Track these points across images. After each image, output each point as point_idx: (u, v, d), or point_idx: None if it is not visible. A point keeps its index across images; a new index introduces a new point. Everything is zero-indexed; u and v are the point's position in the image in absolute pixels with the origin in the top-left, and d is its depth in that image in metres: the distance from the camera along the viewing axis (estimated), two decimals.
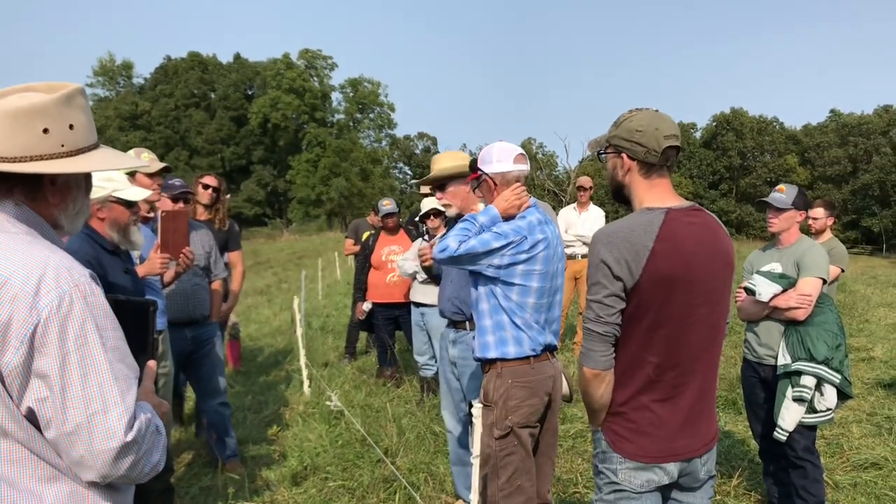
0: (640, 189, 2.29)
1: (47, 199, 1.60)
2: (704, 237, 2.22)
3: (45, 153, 1.52)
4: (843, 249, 5.24)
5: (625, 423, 2.25)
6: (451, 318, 3.97)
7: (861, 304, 11.97)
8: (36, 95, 1.54)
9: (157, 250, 3.91)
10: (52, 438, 1.42)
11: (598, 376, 2.21)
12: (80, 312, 1.43)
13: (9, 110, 1.49)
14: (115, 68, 71.33)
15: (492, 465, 3.13)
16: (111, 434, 1.42)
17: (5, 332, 1.38)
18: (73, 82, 1.62)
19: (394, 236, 7.13)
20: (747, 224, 55.67)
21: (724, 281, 2.29)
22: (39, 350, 1.39)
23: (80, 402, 1.40)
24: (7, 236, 1.47)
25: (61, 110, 1.55)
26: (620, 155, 2.29)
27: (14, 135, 1.49)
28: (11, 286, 1.39)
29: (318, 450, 5.24)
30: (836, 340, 3.73)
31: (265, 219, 66.28)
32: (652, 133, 2.22)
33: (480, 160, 3.28)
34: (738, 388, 5.77)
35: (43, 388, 1.40)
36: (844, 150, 57.89)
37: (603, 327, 2.17)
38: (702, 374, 2.27)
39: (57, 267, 1.45)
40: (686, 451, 2.25)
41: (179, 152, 65.28)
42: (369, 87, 71.44)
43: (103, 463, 1.42)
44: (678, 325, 2.17)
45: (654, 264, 2.11)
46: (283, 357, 8.78)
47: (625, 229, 2.16)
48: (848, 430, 5.47)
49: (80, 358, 1.41)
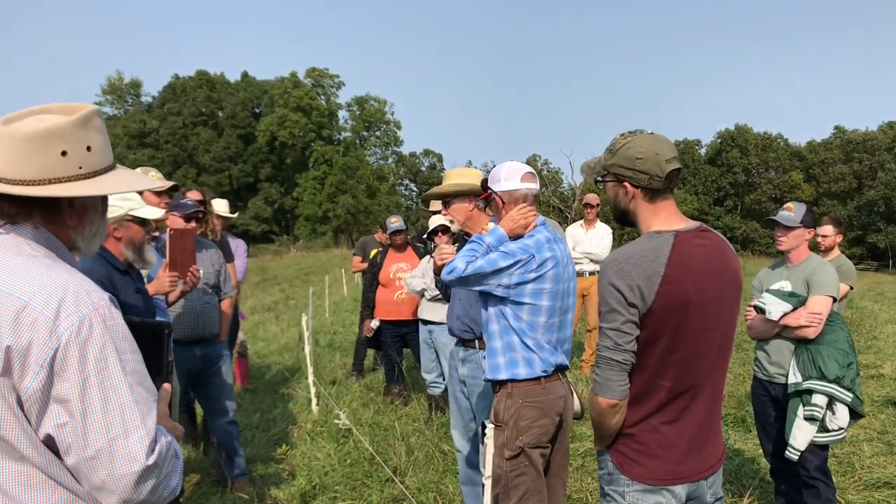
0: (646, 214, 2.26)
1: (65, 222, 1.60)
2: (714, 259, 2.21)
3: (63, 176, 1.52)
4: (852, 266, 5.23)
5: (633, 444, 2.22)
6: (460, 337, 3.97)
7: (869, 321, 11.92)
8: (53, 118, 1.54)
9: (166, 269, 3.93)
10: (72, 464, 1.41)
11: (616, 406, 2.17)
12: (99, 336, 1.42)
13: (27, 133, 1.48)
14: (124, 86, 71.76)
15: (503, 485, 3.12)
16: (133, 458, 1.41)
17: (25, 357, 1.37)
18: (86, 103, 1.62)
19: (402, 254, 7.15)
20: (753, 241, 55.62)
21: (734, 302, 2.28)
22: (59, 374, 1.38)
23: (101, 427, 1.40)
24: (26, 259, 1.47)
25: (78, 132, 1.55)
26: (623, 183, 2.26)
27: (32, 158, 1.49)
28: (31, 310, 1.39)
29: (326, 469, 5.23)
30: (847, 359, 3.72)
31: (272, 236, 66.35)
32: (653, 159, 2.18)
33: (490, 178, 3.31)
34: (748, 406, 5.75)
35: (63, 413, 1.39)
36: (849, 167, 57.85)
37: (622, 355, 2.13)
38: (710, 394, 2.25)
39: (76, 291, 1.44)
40: (693, 474, 2.23)
41: (187, 170, 65.52)
42: (375, 105, 71.74)
43: (125, 487, 1.41)
44: (692, 349, 2.15)
45: (666, 289, 2.09)
46: (291, 374, 8.78)
47: (635, 255, 2.14)
48: (859, 449, 5.43)
49: (100, 382, 1.40)
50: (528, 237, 3.17)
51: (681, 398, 2.18)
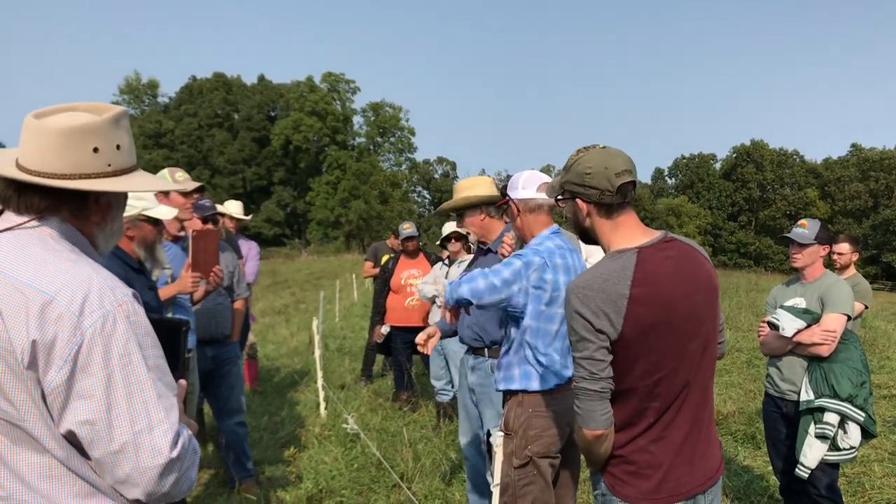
0: (604, 231, 2.18)
1: (90, 218, 1.62)
2: (682, 268, 2.13)
3: (94, 172, 1.55)
4: (867, 286, 5.19)
5: (624, 465, 2.16)
6: (470, 345, 3.97)
7: (882, 341, 11.80)
8: (86, 115, 1.56)
9: (189, 269, 3.96)
10: (97, 458, 1.43)
11: (602, 436, 2.10)
12: (123, 332, 1.44)
13: (62, 128, 1.51)
14: (141, 87, 72.39)
15: (510, 494, 3.12)
16: (158, 451, 1.43)
17: (49, 351, 1.38)
18: (112, 104, 1.65)
19: (413, 260, 7.16)
20: (766, 257, 55.46)
21: (711, 307, 2.20)
22: (83, 370, 1.40)
23: (126, 421, 1.41)
24: (52, 254, 1.48)
25: (111, 131, 1.58)
26: (575, 200, 2.20)
27: (66, 153, 1.51)
28: (57, 305, 1.40)
29: (333, 473, 5.23)
30: (860, 378, 3.69)
31: (284, 239, 66.69)
32: (602, 173, 2.11)
33: (509, 186, 3.32)
34: (758, 423, 5.71)
35: (86, 409, 1.40)
36: (865, 185, 57.62)
37: (598, 384, 2.05)
38: (694, 405, 2.17)
39: (101, 287, 1.46)
40: (686, 490, 2.16)
41: (201, 171, 65.89)
42: (390, 112, 72.02)
43: (149, 480, 1.43)
44: (672, 366, 2.09)
45: (634, 312, 2.01)
46: (300, 378, 8.79)
47: (598, 279, 2.05)
48: (870, 469, 5.38)
49: (124, 377, 1.42)
50: (540, 244, 3.16)
51: (666, 414, 2.12)
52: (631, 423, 2.13)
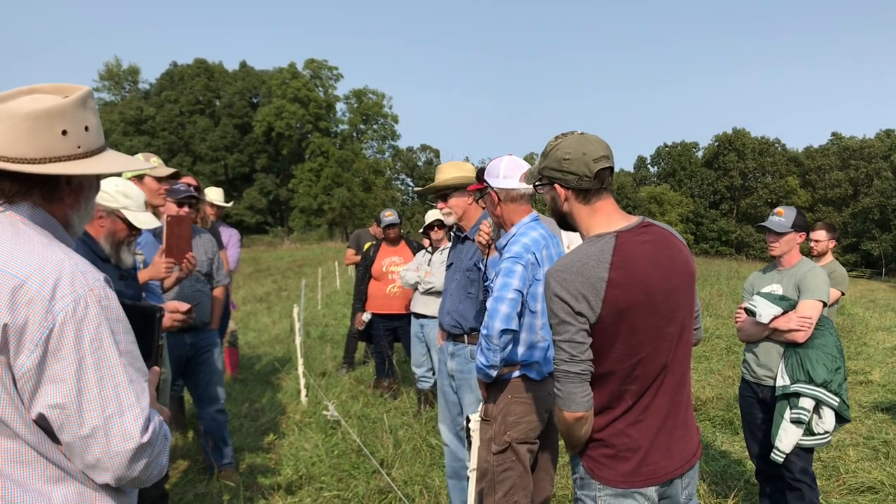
0: (583, 216, 2.21)
1: (63, 200, 1.61)
2: (660, 253, 2.16)
3: (64, 154, 1.54)
4: (844, 272, 5.25)
5: (602, 448, 2.18)
6: (449, 332, 3.97)
7: (860, 328, 11.97)
8: (52, 98, 1.55)
9: (162, 255, 3.91)
10: (67, 442, 1.43)
11: (582, 418, 2.13)
12: (95, 316, 1.44)
13: (29, 112, 1.50)
14: (122, 73, 71.48)
15: (489, 479, 3.13)
16: (128, 436, 1.44)
17: (20, 336, 1.38)
18: (75, 84, 1.64)
19: (395, 247, 7.15)
20: (747, 244, 55.87)
21: (687, 292, 2.23)
22: (55, 354, 1.40)
23: (97, 405, 1.42)
24: (22, 238, 1.47)
25: (78, 112, 1.57)
26: (554, 186, 2.23)
27: (35, 137, 1.50)
28: (28, 289, 1.40)
29: (313, 459, 5.24)
30: (835, 363, 3.73)
31: (266, 227, 66.33)
32: (580, 159, 2.15)
33: (487, 172, 3.26)
34: (736, 408, 5.77)
35: (56, 393, 1.40)
36: (845, 174, 58.15)
37: (579, 366, 2.07)
38: (671, 389, 2.19)
39: (72, 271, 1.45)
40: (664, 473, 2.18)
41: (183, 158, 65.35)
42: (374, 99, 71.60)
43: (119, 464, 1.44)
44: (650, 349, 2.11)
45: (612, 295, 2.04)
46: (282, 365, 8.78)
47: (577, 263, 2.08)
48: (845, 454, 5.46)
49: (95, 361, 1.43)
50: (524, 235, 3.12)
51: (643, 398, 2.15)
52: (609, 406, 2.15)
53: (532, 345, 3.11)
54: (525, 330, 3.09)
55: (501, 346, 2.94)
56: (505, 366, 3.11)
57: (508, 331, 2.93)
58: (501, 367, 3.06)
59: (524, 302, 3.02)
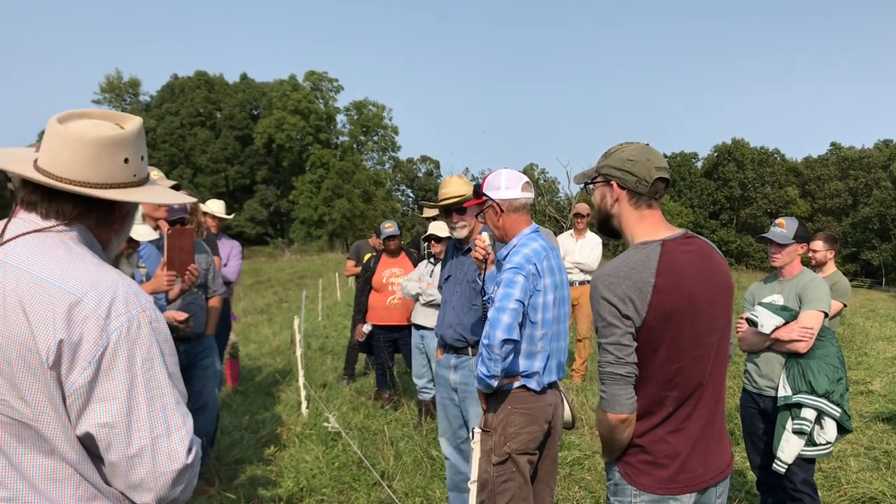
0: (630, 221, 2.27)
1: (112, 225, 1.66)
2: (703, 264, 2.21)
3: (122, 182, 1.59)
4: (847, 284, 5.23)
5: (641, 455, 2.20)
6: (452, 345, 3.96)
7: (860, 338, 11.95)
8: (108, 125, 1.60)
9: (164, 268, 3.92)
10: (112, 461, 1.44)
11: (626, 421, 2.15)
12: (146, 337, 1.46)
13: (95, 139, 1.54)
14: (122, 85, 71.70)
15: (489, 491, 3.13)
16: (174, 457, 1.45)
17: (75, 352, 1.39)
18: (125, 113, 1.70)
19: (395, 259, 7.15)
20: (747, 255, 55.79)
21: (726, 305, 2.28)
22: (107, 372, 1.41)
23: (146, 425, 1.43)
24: (76, 256, 1.50)
25: (138, 142, 1.64)
26: (610, 183, 2.28)
27: (100, 163, 1.54)
28: (85, 306, 1.41)
29: (314, 471, 5.22)
30: (837, 374, 3.73)
31: (267, 238, 66.37)
32: (644, 163, 2.22)
33: (487, 186, 3.26)
34: (736, 419, 5.75)
35: (106, 411, 1.41)
36: (845, 183, 58.20)
37: (625, 368, 2.11)
38: (710, 399, 2.24)
39: (126, 291, 1.49)
40: (701, 481, 2.22)
41: (183, 170, 65.47)
42: (374, 110, 71.80)
43: (163, 485, 1.45)
44: (691, 355, 2.15)
45: (658, 300, 2.08)
46: (282, 377, 8.76)
47: (624, 267, 2.13)
48: (846, 464, 5.45)
49: (146, 381, 1.44)
50: (525, 245, 3.12)
51: (684, 406, 2.18)
52: (650, 411, 2.19)
53: (532, 355, 3.12)
54: (525, 341, 3.09)
55: (502, 356, 2.95)
56: (505, 377, 3.11)
57: (510, 341, 2.94)
58: (502, 377, 3.06)
59: (525, 312, 3.03)
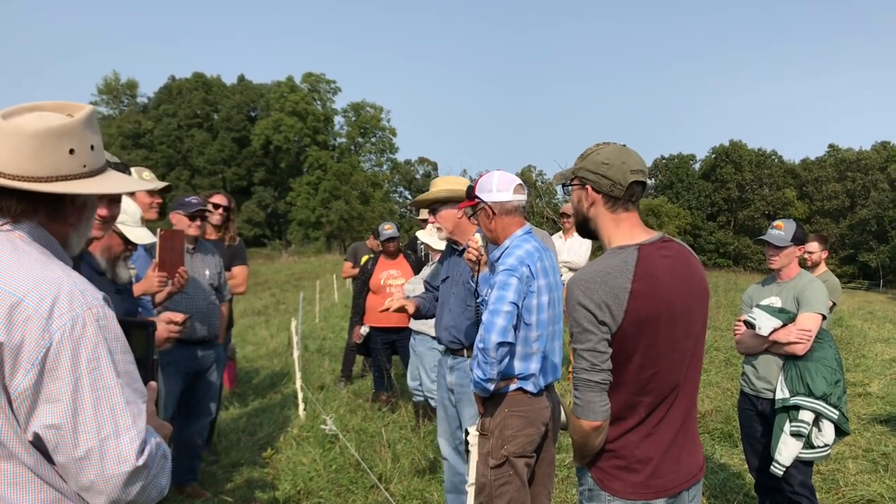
0: (606, 224, 2.25)
1: (66, 219, 1.60)
2: (679, 269, 2.19)
3: (70, 174, 1.53)
4: (837, 282, 5.27)
5: (613, 460, 2.19)
6: (448, 347, 3.95)
7: (858, 340, 11.94)
8: (57, 116, 1.54)
9: (155, 269, 3.91)
10: (61, 463, 1.40)
11: (599, 427, 2.12)
12: (92, 335, 1.41)
13: (37, 130, 1.48)
14: (120, 87, 71.74)
15: (486, 494, 3.11)
16: (123, 459, 1.40)
17: (17, 354, 1.35)
18: (76, 102, 1.63)
19: (393, 261, 7.13)
20: (745, 256, 55.82)
21: (702, 311, 2.27)
22: (51, 373, 1.37)
23: (93, 427, 1.38)
24: (21, 256, 1.45)
25: (85, 131, 1.56)
26: (585, 187, 2.25)
27: (43, 155, 1.49)
28: (25, 307, 1.37)
29: (311, 474, 5.21)
30: (834, 376, 3.73)
31: (264, 240, 66.37)
32: (619, 167, 2.18)
33: (479, 188, 3.25)
34: (735, 421, 5.75)
35: (52, 413, 1.37)
36: (842, 185, 58.27)
37: (599, 375, 2.08)
38: (684, 404, 2.22)
39: (71, 289, 1.43)
40: (674, 486, 2.20)
41: (181, 172, 65.47)
42: (371, 112, 71.81)
43: (114, 487, 1.40)
44: (666, 361, 2.13)
45: (634, 306, 2.06)
46: (279, 379, 8.75)
47: (600, 273, 2.10)
48: (844, 466, 5.44)
49: (92, 381, 1.39)
50: (518, 247, 3.11)
51: (657, 411, 2.16)
52: (622, 416, 2.17)
53: (528, 357, 3.11)
54: (520, 343, 3.08)
55: (498, 359, 2.93)
56: (501, 379, 3.10)
57: (505, 343, 2.93)
58: (498, 380, 3.05)
59: (519, 314, 3.02)
